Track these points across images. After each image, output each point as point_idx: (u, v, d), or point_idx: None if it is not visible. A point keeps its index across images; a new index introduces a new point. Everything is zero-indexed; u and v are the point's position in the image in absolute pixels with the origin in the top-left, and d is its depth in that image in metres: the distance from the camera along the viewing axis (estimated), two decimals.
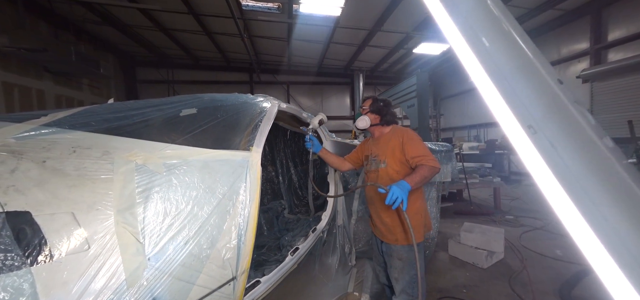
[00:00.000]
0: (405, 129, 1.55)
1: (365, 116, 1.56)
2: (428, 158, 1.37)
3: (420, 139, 1.49)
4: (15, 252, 0.48)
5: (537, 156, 0.25)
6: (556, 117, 0.25)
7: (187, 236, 0.77)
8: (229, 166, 1.00)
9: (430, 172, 1.35)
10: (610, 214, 0.22)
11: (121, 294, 0.61)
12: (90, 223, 0.59)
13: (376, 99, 1.61)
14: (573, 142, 0.24)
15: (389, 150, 1.47)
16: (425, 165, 1.35)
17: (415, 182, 1.29)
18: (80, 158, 0.65)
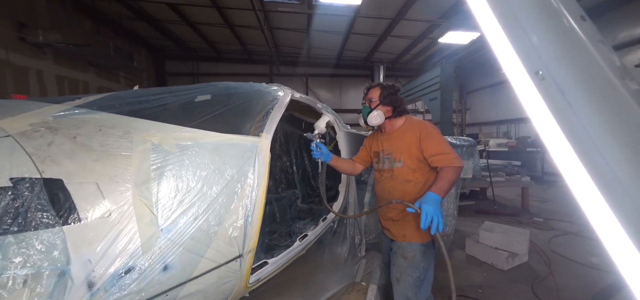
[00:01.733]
0: (421, 121, 1.37)
1: (378, 111, 1.34)
2: (451, 156, 1.20)
3: (439, 133, 1.30)
4: (50, 212, 0.56)
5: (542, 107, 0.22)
6: (570, 60, 0.21)
7: (197, 212, 0.82)
8: (238, 150, 1.04)
9: (456, 174, 1.18)
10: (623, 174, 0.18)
11: (137, 258, 0.68)
12: (111, 193, 0.66)
13: (385, 87, 1.37)
14: (586, 87, 0.20)
15: (404, 147, 1.29)
16: (449, 166, 1.17)
17: (444, 191, 1.12)
18: (104, 136, 0.73)
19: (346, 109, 10.51)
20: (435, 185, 1.14)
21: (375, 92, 1.38)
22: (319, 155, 1.49)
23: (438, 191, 1.11)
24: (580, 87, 0.20)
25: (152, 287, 0.70)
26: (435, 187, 1.14)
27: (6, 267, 0.49)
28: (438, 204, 1.08)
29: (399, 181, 1.31)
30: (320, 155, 1.49)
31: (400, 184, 1.31)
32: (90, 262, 0.60)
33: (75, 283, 0.58)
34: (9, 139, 0.59)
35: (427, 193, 1.12)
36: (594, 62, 0.20)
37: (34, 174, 0.57)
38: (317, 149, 1.49)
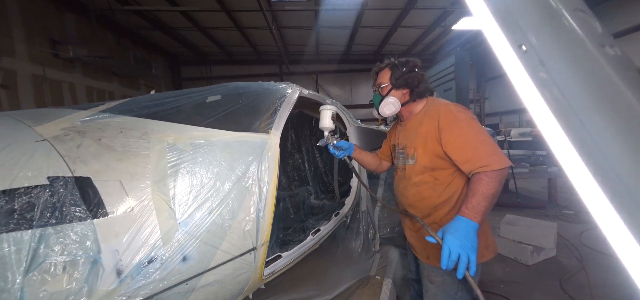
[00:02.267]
0: (444, 103, 1.01)
1: (391, 98, 1.05)
2: (485, 154, 0.83)
3: (470, 119, 0.92)
4: (81, 207, 0.62)
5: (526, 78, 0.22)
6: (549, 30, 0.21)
7: (211, 207, 0.87)
8: (248, 147, 1.07)
9: (497, 182, 0.81)
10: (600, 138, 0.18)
11: (158, 249, 0.73)
12: (132, 190, 0.72)
13: (396, 65, 1.07)
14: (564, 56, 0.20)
15: (419, 140, 1.00)
16: (484, 172, 0.81)
17: (479, 212, 0.79)
18: (125, 137, 0.79)
19: (358, 104, 10.39)
20: (466, 204, 0.81)
21: (385, 75, 1.10)
22: (341, 154, 1.27)
23: (470, 213, 0.79)
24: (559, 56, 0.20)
25: (173, 276, 0.75)
26: (466, 207, 0.80)
27: (48, 255, 0.55)
28: (469, 234, 0.76)
29: (411, 182, 1.03)
30: (343, 153, 1.27)
31: (413, 186, 1.03)
32: (118, 252, 0.66)
33: (106, 270, 0.63)
34: (45, 143, 0.66)
35: (456, 217, 0.81)
36: (571, 31, 0.19)
37: (67, 173, 0.63)
38: (337, 149, 1.27)
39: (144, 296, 0.69)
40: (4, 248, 0.51)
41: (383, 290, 1.73)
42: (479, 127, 0.93)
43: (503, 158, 0.85)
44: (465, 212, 0.81)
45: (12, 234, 0.52)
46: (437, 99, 1.08)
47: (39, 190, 0.58)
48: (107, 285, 0.64)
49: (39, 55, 4.54)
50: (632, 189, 0.18)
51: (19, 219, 0.54)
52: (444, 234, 0.80)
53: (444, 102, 1.03)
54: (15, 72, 4.17)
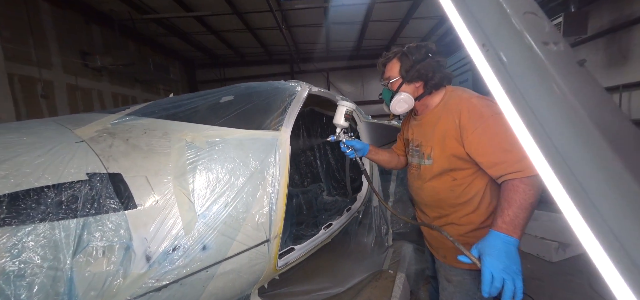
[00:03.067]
0: (466, 97, 0.87)
1: (402, 94, 0.93)
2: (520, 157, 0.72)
3: (495, 115, 0.79)
4: (115, 199, 0.70)
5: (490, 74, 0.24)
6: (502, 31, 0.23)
7: (226, 201, 0.93)
8: (260, 144, 1.13)
9: (534, 189, 0.71)
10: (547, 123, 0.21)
11: (181, 238, 0.80)
12: (157, 185, 0.79)
13: (406, 53, 0.94)
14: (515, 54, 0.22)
15: (436, 138, 0.90)
16: (521, 178, 0.71)
17: (519, 225, 0.69)
18: (149, 137, 0.87)
19: (369, 101, 10.27)
20: (502, 216, 0.70)
21: (393, 67, 0.97)
22: (353, 154, 1.19)
23: (508, 228, 0.68)
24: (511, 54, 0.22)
25: (194, 263, 0.82)
26: (502, 220, 0.70)
27: (90, 240, 0.64)
28: (511, 254, 0.66)
29: (426, 182, 0.95)
30: (355, 153, 1.19)
31: (429, 187, 0.95)
32: (147, 239, 0.74)
33: (137, 256, 0.71)
34: (83, 144, 0.75)
35: (491, 233, 0.70)
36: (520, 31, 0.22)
37: (102, 169, 0.71)
38: (349, 148, 1.19)
39: (169, 280, 0.77)
40: (56, 234, 0.60)
41: (396, 284, 1.74)
42: (506, 124, 0.81)
43: (529, 164, 0.71)
44: (502, 226, 0.69)
45: (62, 222, 0.60)
46: (458, 89, 0.93)
47: (80, 185, 0.66)
48: (138, 269, 0.71)
49: (72, 66, 4.96)
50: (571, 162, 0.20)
51: (66, 209, 0.62)
52: (482, 254, 0.68)
53: (466, 94, 0.88)
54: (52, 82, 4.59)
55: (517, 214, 0.69)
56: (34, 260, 0.56)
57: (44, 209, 0.60)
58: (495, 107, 0.82)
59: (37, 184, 0.62)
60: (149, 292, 0.74)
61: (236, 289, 1.00)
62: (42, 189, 0.62)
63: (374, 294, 1.67)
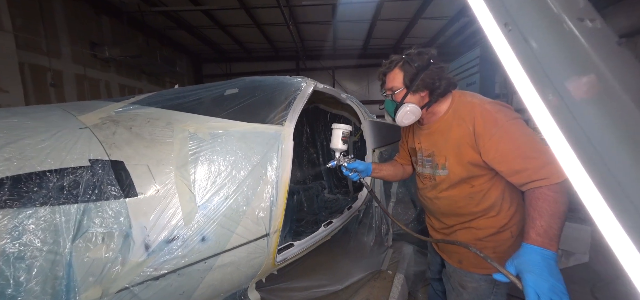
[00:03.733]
0: (477, 102, 0.84)
1: (408, 106, 0.89)
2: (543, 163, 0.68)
3: (511, 120, 0.76)
4: (116, 186, 0.70)
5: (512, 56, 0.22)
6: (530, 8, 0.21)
7: (227, 193, 0.93)
8: (262, 138, 1.12)
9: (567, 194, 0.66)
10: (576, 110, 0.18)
11: (180, 228, 0.80)
12: (158, 174, 0.79)
13: (409, 62, 0.89)
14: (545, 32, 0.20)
15: (450, 147, 0.87)
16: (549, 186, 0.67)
17: (556, 237, 0.65)
18: (152, 127, 0.87)
19: (374, 100, 10.20)
20: (534, 227, 0.66)
21: (396, 77, 0.92)
22: (356, 176, 1.16)
23: (544, 241, 0.64)
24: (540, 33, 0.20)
25: (193, 254, 0.82)
26: (535, 232, 0.65)
27: (90, 226, 0.64)
28: (553, 270, 0.61)
29: (442, 193, 0.92)
30: (359, 175, 1.17)
31: (445, 197, 0.92)
32: (146, 228, 0.74)
33: (136, 244, 0.71)
34: (87, 130, 0.76)
35: (526, 247, 0.65)
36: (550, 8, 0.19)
37: (104, 156, 0.72)
38: (351, 171, 1.16)
39: (167, 270, 0.77)
40: (56, 218, 0.60)
41: (394, 284, 1.73)
42: (526, 129, 0.74)
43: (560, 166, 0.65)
44: (537, 239, 0.64)
45: (63, 207, 0.61)
46: (466, 94, 0.90)
47: (82, 171, 0.66)
48: (137, 257, 0.72)
49: (80, 57, 5.03)
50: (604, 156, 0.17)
51: (67, 194, 0.62)
52: (521, 271, 0.62)
53: (476, 99, 0.84)
54: (61, 72, 4.66)
55: (550, 224, 0.65)
56: (34, 243, 0.57)
57: (46, 193, 0.61)
58: (509, 112, 0.79)
59: (39, 167, 0.63)
60: (146, 281, 0.74)
61: (234, 282, 1.00)
62: (44, 173, 0.62)
63: (372, 294, 1.66)
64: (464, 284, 0.95)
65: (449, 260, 1.02)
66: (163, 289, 0.79)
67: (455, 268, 0.99)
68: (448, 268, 1.03)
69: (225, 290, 1.01)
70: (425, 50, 0.92)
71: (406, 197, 2.48)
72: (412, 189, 2.38)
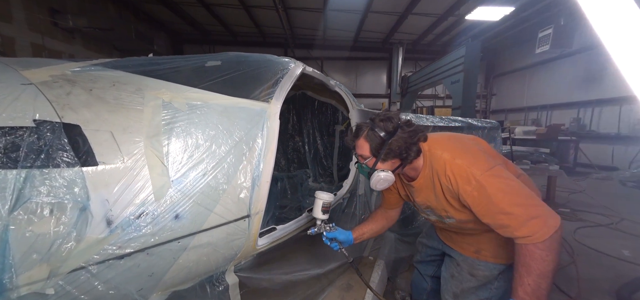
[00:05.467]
0: (449, 158, 0.83)
1: (381, 173, 0.89)
2: (526, 218, 0.68)
3: (485, 173, 0.75)
4: (69, 152, 0.60)
5: None
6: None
7: (206, 169, 0.85)
8: (246, 114, 1.05)
9: (554, 251, 0.67)
10: None
11: (150, 204, 0.72)
12: (124, 142, 0.70)
13: (373, 129, 0.88)
14: None
15: (442, 202, 0.89)
16: (535, 244, 0.67)
17: (544, 295, 0.68)
18: (118, 91, 0.76)
19: (362, 94, 10.26)
20: (522, 285, 0.67)
21: (363, 146, 0.91)
22: (337, 246, 1.15)
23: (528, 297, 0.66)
24: None
25: (164, 232, 0.75)
26: (522, 290, 0.67)
27: (34, 195, 0.54)
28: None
29: (451, 228, 1.00)
30: (339, 245, 1.15)
31: (461, 235, 1.00)
32: (108, 201, 0.65)
33: (95, 218, 0.62)
34: (31, 87, 0.64)
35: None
36: None
37: (54, 118, 0.61)
38: (331, 240, 1.15)
39: (134, 248, 0.69)
40: None
41: (375, 269, 1.76)
42: (503, 178, 0.73)
43: (549, 217, 0.66)
44: (524, 298, 0.66)
45: None
46: (433, 146, 0.88)
47: (24, 132, 0.56)
48: (96, 233, 0.63)
49: (38, 24, 4.45)
50: None
51: (2, 158, 0.52)
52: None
53: (446, 154, 0.83)
54: (13, 39, 4.09)
55: (538, 283, 0.66)
56: None
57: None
58: (483, 162, 0.77)
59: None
60: (108, 260, 0.66)
61: (211, 264, 0.94)
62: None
63: (353, 278, 1.68)
64: (476, 273, 0.97)
65: (463, 251, 1.03)
66: (129, 269, 0.71)
67: (466, 257, 1.00)
68: (457, 257, 1.03)
69: (201, 273, 0.95)
70: (392, 114, 0.90)
71: None
72: None
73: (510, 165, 0.97)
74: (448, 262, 1.09)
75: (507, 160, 1.00)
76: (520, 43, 8.41)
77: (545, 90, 7.77)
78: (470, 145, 0.88)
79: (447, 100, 10.25)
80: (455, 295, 1.02)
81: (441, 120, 2.86)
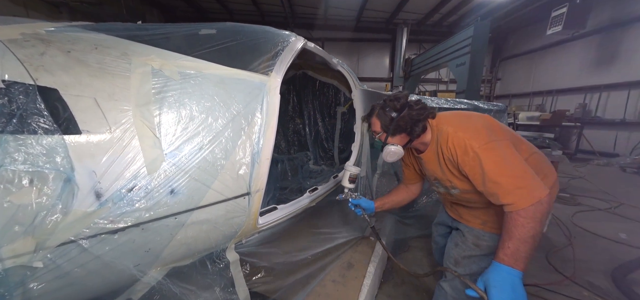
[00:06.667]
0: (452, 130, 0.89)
1: (392, 147, 1.00)
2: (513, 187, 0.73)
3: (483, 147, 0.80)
4: (47, 118, 0.54)
5: None
6: None
7: (202, 143, 0.80)
8: (245, 86, 0.98)
9: (536, 220, 0.70)
10: None
11: (142, 177, 0.67)
12: (110, 110, 0.64)
13: (383, 108, 1.00)
14: None
15: (447, 174, 0.95)
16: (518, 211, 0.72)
17: (520, 258, 0.71)
18: (101, 54, 0.68)
19: (364, 77, 10.00)
20: (503, 248, 0.72)
21: (376, 123, 1.04)
22: (360, 212, 1.34)
23: (510, 261, 0.71)
24: None
25: (160, 207, 0.71)
26: (503, 252, 0.72)
27: (7, 163, 0.49)
28: (516, 287, 0.68)
29: (457, 200, 1.04)
30: (363, 211, 1.33)
31: (466, 199, 1.01)
32: (95, 173, 0.60)
33: (82, 191, 0.58)
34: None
35: (494, 265, 0.73)
36: None
37: (27, 80, 0.54)
38: (356, 207, 1.34)
39: (127, 223, 0.65)
40: None
41: (376, 249, 1.76)
42: (500, 152, 0.78)
43: (535, 189, 0.71)
44: (504, 259, 0.71)
45: None
46: (441, 121, 0.96)
47: None
48: (85, 206, 0.59)
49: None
50: None
51: None
52: (488, 287, 0.71)
53: (451, 127, 0.90)
54: None
55: (517, 247, 0.71)
56: None
57: None
58: (484, 135, 0.82)
59: None
60: (101, 234, 0.62)
61: (210, 241, 0.91)
62: None
63: (353, 257, 1.69)
64: (480, 243, 1.02)
65: (469, 224, 1.08)
66: (124, 244, 0.68)
67: (472, 228, 1.05)
68: (463, 228, 1.09)
69: (200, 250, 0.92)
70: (401, 95, 1.01)
71: (391, 170, 2.49)
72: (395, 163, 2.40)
73: (523, 144, 0.97)
74: (454, 234, 1.14)
75: (521, 139, 0.97)
76: (530, 24, 8.08)
77: (553, 74, 7.57)
78: (476, 121, 0.91)
79: (450, 85, 10.03)
80: (456, 262, 1.05)
81: (446, 102, 2.77)
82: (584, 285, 1.80)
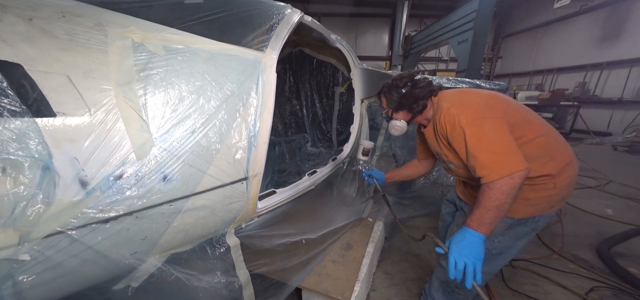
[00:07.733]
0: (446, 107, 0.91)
1: (397, 122, 1.09)
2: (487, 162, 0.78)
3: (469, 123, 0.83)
4: (13, 99, 0.48)
5: None
6: None
7: (194, 126, 0.74)
8: (238, 63, 0.90)
9: (502, 192, 0.75)
10: None
11: (131, 164, 0.62)
12: (88, 89, 0.57)
13: (389, 87, 1.09)
14: None
15: (444, 149, 0.98)
16: (487, 183, 0.78)
17: (485, 223, 0.78)
18: (70, 24, 0.60)
19: (362, 56, 9.68)
20: (471, 214, 0.80)
21: (383, 100, 1.16)
22: (372, 181, 1.49)
23: (474, 225, 0.79)
24: None
25: (153, 195, 0.67)
26: (470, 218, 0.80)
27: None
28: (474, 245, 0.77)
29: (466, 179, 1.06)
30: (375, 181, 1.47)
31: (463, 174, 1.01)
32: (77, 160, 0.55)
33: (64, 179, 0.53)
34: None
35: (461, 228, 0.82)
36: None
37: None
38: (369, 176, 1.49)
39: (119, 212, 0.62)
40: None
41: (374, 230, 1.79)
42: (484, 129, 0.82)
43: (508, 164, 0.76)
44: (469, 223, 0.81)
45: None
46: (442, 98, 1.00)
47: None
48: (69, 195, 0.54)
49: None
50: None
51: None
52: (450, 244, 0.83)
53: (446, 103, 0.93)
54: None
55: (482, 214, 0.79)
56: None
57: None
58: (468, 113, 0.86)
59: None
60: (91, 224, 0.58)
61: (209, 227, 0.89)
62: None
63: (353, 238, 1.71)
64: None
65: (471, 203, 1.11)
66: (117, 233, 0.65)
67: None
68: (466, 209, 1.15)
69: (199, 236, 0.90)
70: (404, 76, 1.07)
71: (390, 152, 2.47)
72: (393, 145, 2.39)
73: (532, 125, 0.92)
74: (458, 215, 1.17)
75: (532, 120, 0.93)
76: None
77: (556, 51, 7.41)
78: (474, 97, 0.92)
79: (451, 64, 9.81)
80: None
81: (448, 82, 2.70)
82: (570, 259, 1.88)
